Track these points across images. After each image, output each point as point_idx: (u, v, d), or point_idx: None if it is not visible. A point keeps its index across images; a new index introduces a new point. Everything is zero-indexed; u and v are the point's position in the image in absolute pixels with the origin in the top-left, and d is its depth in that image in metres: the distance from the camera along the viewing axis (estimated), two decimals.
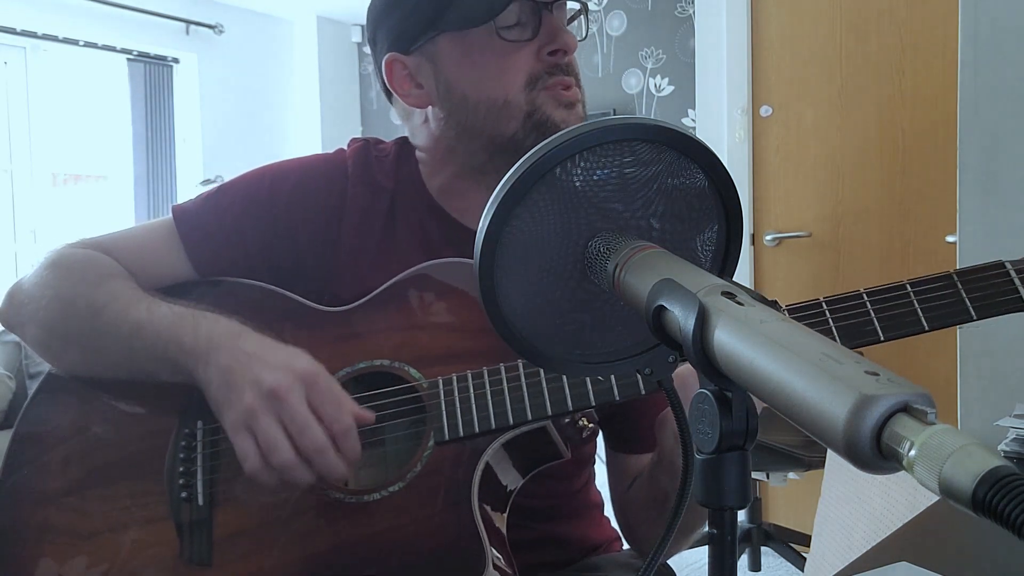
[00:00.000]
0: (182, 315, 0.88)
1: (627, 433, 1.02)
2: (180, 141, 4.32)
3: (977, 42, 1.49)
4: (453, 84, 0.95)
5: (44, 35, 3.84)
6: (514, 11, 0.91)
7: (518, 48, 0.92)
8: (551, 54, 0.93)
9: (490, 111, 0.93)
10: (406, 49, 0.96)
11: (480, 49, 0.92)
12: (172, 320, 0.87)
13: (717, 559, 0.41)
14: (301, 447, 0.78)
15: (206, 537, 0.86)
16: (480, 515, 0.82)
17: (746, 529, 2.70)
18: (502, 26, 0.91)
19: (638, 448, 1.01)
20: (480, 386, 0.84)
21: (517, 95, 0.92)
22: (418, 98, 0.98)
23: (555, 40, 0.92)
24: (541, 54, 0.93)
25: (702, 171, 0.47)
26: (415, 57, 0.96)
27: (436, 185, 1.01)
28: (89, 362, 0.93)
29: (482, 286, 0.47)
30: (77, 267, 0.95)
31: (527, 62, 0.92)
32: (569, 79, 0.94)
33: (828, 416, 0.31)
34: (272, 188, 0.99)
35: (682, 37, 3.43)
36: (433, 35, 0.94)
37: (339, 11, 4.54)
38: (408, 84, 0.98)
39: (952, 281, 0.77)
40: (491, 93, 0.93)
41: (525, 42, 0.92)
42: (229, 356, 0.82)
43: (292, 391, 0.78)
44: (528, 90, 0.92)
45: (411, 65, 0.97)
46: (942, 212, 2.73)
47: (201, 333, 0.85)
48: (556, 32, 0.93)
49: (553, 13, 0.94)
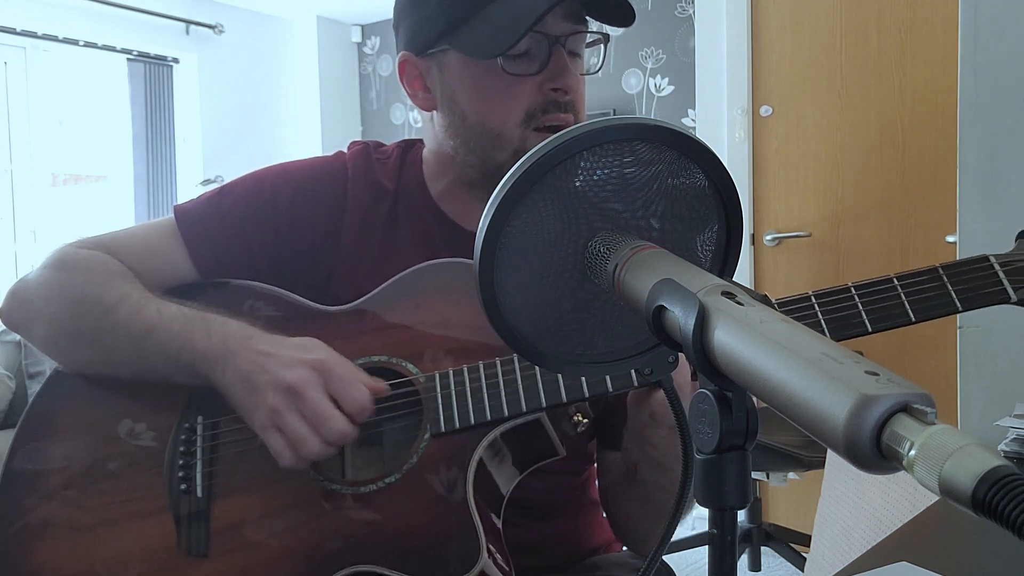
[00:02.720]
0: (192, 318, 0.89)
1: (615, 431, 1.03)
2: (180, 141, 4.32)
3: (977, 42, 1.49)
4: (456, 99, 0.96)
5: (44, 35, 3.84)
6: (524, 42, 0.91)
7: (521, 81, 0.92)
8: (552, 90, 0.93)
9: (483, 136, 0.95)
10: (419, 52, 0.97)
11: (484, 75, 0.93)
12: (183, 323, 0.89)
13: (717, 559, 0.41)
14: (326, 438, 0.82)
15: (203, 528, 0.87)
16: (475, 507, 0.83)
17: (746, 529, 2.70)
18: (509, 55, 0.91)
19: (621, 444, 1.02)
20: (476, 379, 0.85)
21: (512, 130, 0.93)
22: (424, 100, 1.00)
23: (557, 80, 0.93)
24: (543, 88, 0.93)
25: (702, 171, 0.47)
26: (427, 61, 0.98)
27: (437, 189, 1.02)
28: (97, 361, 0.94)
29: (482, 286, 0.47)
30: (83, 267, 0.96)
31: (527, 96, 0.93)
32: (567, 116, 0.94)
33: (828, 416, 0.31)
34: (274, 190, 1.00)
35: (682, 37, 3.43)
36: (445, 47, 0.95)
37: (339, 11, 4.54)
38: (417, 85, 1.00)
39: (938, 274, 0.79)
40: (487, 120, 0.94)
41: (529, 76, 0.92)
42: (244, 359, 0.84)
43: (309, 384, 0.82)
44: (523, 126, 0.93)
45: (422, 68, 0.98)
46: (942, 212, 2.73)
47: (213, 337, 0.87)
48: (561, 71, 0.93)
49: (565, 46, 0.93)
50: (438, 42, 0.95)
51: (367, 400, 0.83)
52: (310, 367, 0.83)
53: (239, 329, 0.88)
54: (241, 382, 0.84)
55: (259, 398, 0.83)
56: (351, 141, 1.08)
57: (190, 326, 0.88)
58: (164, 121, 4.23)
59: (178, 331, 0.88)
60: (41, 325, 0.96)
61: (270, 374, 0.83)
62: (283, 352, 0.84)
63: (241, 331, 0.87)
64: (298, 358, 0.83)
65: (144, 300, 0.92)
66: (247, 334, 0.87)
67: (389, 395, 0.88)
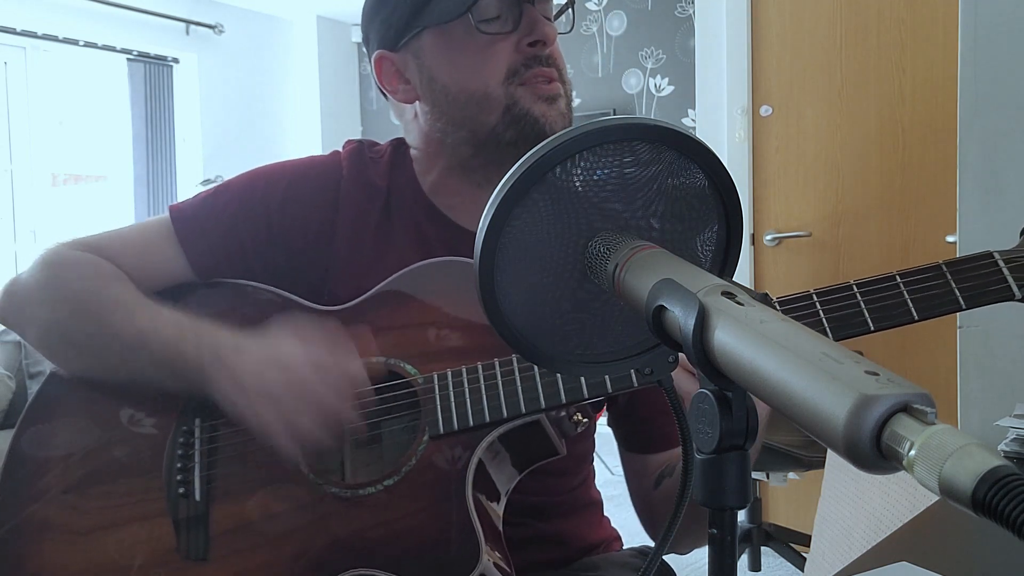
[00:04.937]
0: (182, 326, 0.90)
1: (641, 434, 1.03)
2: (180, 141, 4.32)
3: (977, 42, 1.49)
4: (435, 77, 0.96)
5: (44, 35, 3.84)
6: (493, 4, 0.92)
7: (497, 41, 0.93)
8: (530, 45, 0.94)
9: (469, 103, 0.95)
10: (393, 46, 0.98)
11: (460, 42, 0.94)
12: (174, 331, 0.89)
13: (717, 559, 0.41)
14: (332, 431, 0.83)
15: (203, 532, 0.87)
16: (475, 509, 0.83)
17: (746, 529, 2.70)
18: (481, 19, 0.92)
19: (653, 448, 1.02)
20: (474, 380, 0.85)
21: (496, 88, 0.94)
22: (405, 94, 1.00)
23: (533, 31, 0.94)
24: (520, 46, 0.94)
25: (702, 171, 0.47)
26: (402, 54, 0.98)
27: (429, 183, 1.02)
28: (89, 365, 0.94)
29: (482, 287, 0.47)
30: (76, 271, 0.95)
31: (506, 55, 0.93)
32: (550, 70, 0.95)
33: (828, 416, 0.31)
34: (266, 189, 1.00)
35: (682, 37, 3.43)
36: (417, 31, 0.96)
37: (339, 11, 4.54)
38: (396, 80, 1.00)
39: (942, 272, 0.78)
40: (470, 85, 0.94)
41: (505, 35, 0.93)
42: (236, 366, 0.85)
43: (304, 383, 0.82)
44: (507, 83, 0.94)
45: (398, 62, 0.99)
46: (942, 212, 2.73)
47: (204, 345, 0.87)
48: (535, 23, 0.94)
49: (535, 5, 0.95)
50: (410, 28, 0.96)
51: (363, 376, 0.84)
52: (301, 364, 0.84)
53: (229, 338, 0.88)
54: (234, 389, 0.85)
55: (256, 404, 0.83)
56: (346, 140, 1.07)
57: (181, 334, 0.89)
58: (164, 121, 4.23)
59: (169, 338, 0.89)
60: (33, 327, 0.96)
61: (263, 378, 0.84)
62: (272, 353, 0.85)
63: (231, 340, 0.88)
64: (289, 357, 0.85)
65: (136, 306, 0.92)
66: (234, 343, 0.87)
67: (387, 396, 0.88)
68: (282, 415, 0.82)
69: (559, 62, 0.97)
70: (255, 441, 0.84)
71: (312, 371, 0.84)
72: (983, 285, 0.77)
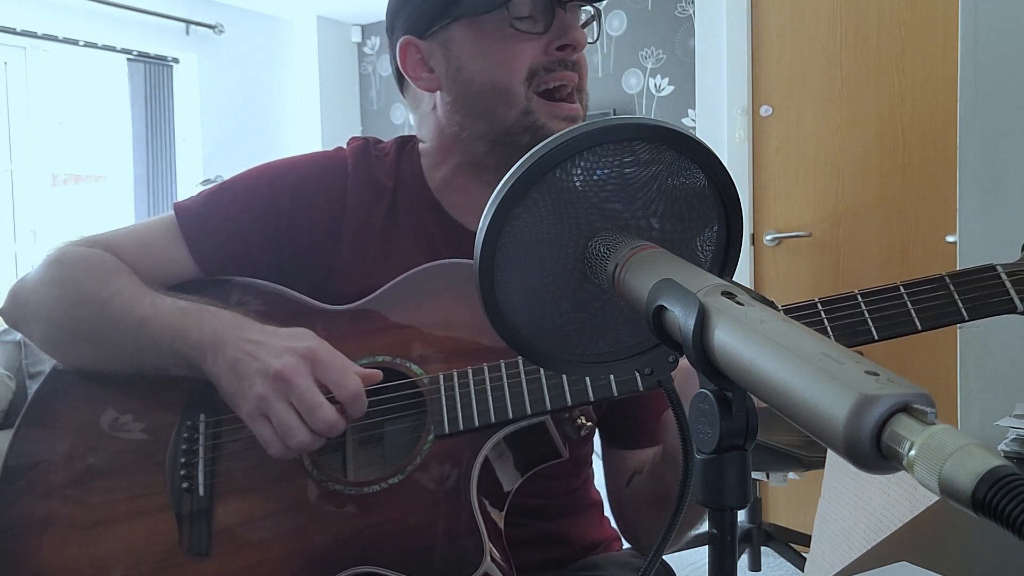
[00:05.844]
0: (186, 309, 0.89)
1: (625, 429, 1.03)
2: (180, 141, 4.32)
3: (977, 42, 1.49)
4: (462, 68, 0.96)
5: (44, 35, 3.84)
6: (527, 4, 0.93)
7: (527, 39, 0.94)
8: (560, 48, 0.94)
9: (491, 95, 0.95)
10: (422, 33, 0.98)
11: (492, 36, 0.94)
12: (177, 315, 0.89)
13: (717, 559, 0.41)
14: (314, 427, 0.80)
15: (205, 528, 0.87)
16: (479, 509, 0.83)
17: (746, 529, 2.70)
18: (515, 16, 0.93)
19: (635, 444, 1.02)
20: (480, 382, 0.85)
21: (518, 85, 0.94)
22: (428, 82, 1.00)
23: (566, 35, 0.94)
24: (549, 48, 0.94)
25: (702, 171, 0.47)
26: (429, 42, 0.98)
27: (438, 179, 1.02)
28: (96, 357, 0.94)
29: (482, 287, 0.47)
30: (81, 264, 0.96)
31: (532, 55, 0.94)
32: (572, 75, 0.96)
33: (828, 416, 0.31)
34: (273, 186, 0.99)
35: (682, 37, 3.44)
36: (449, 21, 0.96)
37: (339, 11, 4.54)
38: (420, 68, 1.00)
39: (944, 283, 0.79)
40: (495, 78, 0.95)
41: (536, 35, 0.94)
42: (235, 348, 0.84)
43: (297, 372, 0.81)
44: (527, 84, 0.94)
45: (424, 49, 0.99)
46: (942, 212, 2.73)
47: (206, 327, 0.87)
48: (567, 28, 0.95)
49: (566, 12, 0.96)
50: (442, 18, 0.96)
51: (358, 388, 0.82)
52: (299, 355, 0.82)
53: (232, 319, 0.87)
54: (230, 371, 0.83)
55: (247, 386, 0.82)
56: (351, 137, 1.07)
57: (184, 316, 0.88)
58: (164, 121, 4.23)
59: (171, 322, 0.88)
60: (40, 323, 0.96)
61: (259, 362, 0.82)
62: (273, 341, 0.84)
63: (233, 320, 0.87)
64: (288, 346, 0.83)
65: (140, 293, 0.92)
66: (239, 323, 0.86)
67: (392, 396, 0.88)
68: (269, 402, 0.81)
69: (583, 70, 0.98)
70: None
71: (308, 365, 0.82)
72: (985, 298, 0.78)
